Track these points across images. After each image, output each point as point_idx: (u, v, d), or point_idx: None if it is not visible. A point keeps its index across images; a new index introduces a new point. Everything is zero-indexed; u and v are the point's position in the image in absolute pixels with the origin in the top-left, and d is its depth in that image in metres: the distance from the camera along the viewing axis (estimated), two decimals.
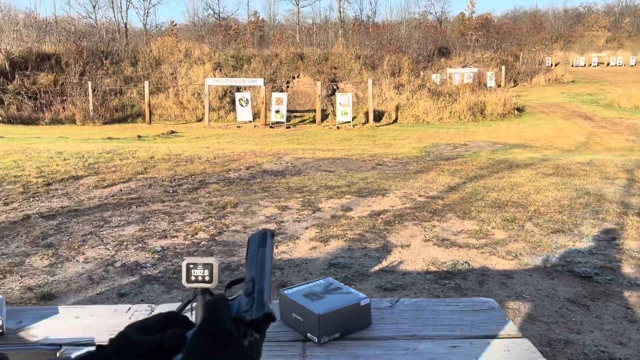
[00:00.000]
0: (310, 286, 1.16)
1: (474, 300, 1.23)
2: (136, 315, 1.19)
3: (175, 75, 23.01)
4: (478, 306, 1.20)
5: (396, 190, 6.85)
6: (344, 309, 1.06)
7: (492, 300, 1.23)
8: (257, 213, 5.75)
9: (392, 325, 1.12)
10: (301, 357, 1.01)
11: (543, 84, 33.00)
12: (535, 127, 16.84)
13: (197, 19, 48.77)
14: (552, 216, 5.54)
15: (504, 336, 1.06)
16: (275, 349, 1.04)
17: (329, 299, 1.09)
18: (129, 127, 18.59)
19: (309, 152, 10.98)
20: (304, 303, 1.08)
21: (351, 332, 1.08)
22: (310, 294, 1.12)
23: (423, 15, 51.42)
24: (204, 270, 1.10)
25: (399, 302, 1.22)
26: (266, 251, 0.63)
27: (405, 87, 22.32)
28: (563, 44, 49.37)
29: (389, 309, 1.19)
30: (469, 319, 1.13)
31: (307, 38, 39.07)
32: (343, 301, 1.08)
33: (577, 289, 3.78)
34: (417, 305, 1.21)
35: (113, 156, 9.45)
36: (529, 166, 8.68)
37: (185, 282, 1.11)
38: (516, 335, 1.06)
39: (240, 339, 0.54)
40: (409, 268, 4.24)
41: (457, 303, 1.22)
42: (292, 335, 1.09)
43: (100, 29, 32.42)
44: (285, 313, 1.13)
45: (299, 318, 1.08)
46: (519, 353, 0.99)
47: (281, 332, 1.11)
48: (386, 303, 1.22)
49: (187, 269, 1.11)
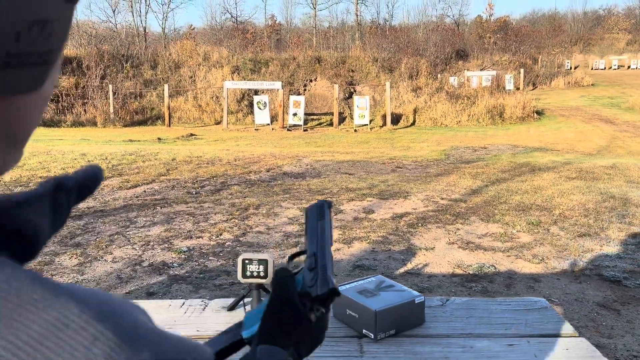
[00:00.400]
0: (363, 283, 1.17)
1: (525, 300, 1.23)
2: (190, 310, 1.21)
3: (194, 79, 23.21)
4: (530, 305, 1.19)
5: (418, 193, 6.83)
6: (399, 306, 1.07)
7: (544, 299, 1.23)
8: (279, 214, 5.77)
9: (446, 323, 1.12)
10: (359, 352, 1.02)
11: (562, 87, 32.61)
12: (556, 131, 16.65)
13: (215, 23, 49.19)
14: (577, 220, 5.47)
15: (562, 335, 1.06)
16: (332, 344, 1.05)
17: (384, 296, 1.10)
18: (149, 129, 18.79)
19: (328, 154, 10.99)
20: (359, 300, 1.08)
21: (406, 330, 1.09)
22: (364, 291, 1.12)
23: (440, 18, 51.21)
24: (259, 266, 1.12)
25: (450, 300, 1.22)
26: (325, 224, 0.62)
27: (423, 90, 22.24)
28: (582, 46, 48.76)
29: (441, 308, 1.19)
30: (523, 317, 1.13)
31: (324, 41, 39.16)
32: (398, 298, 1.09)
33: (607, 293, 3.73)
34: (468, 304, 1.21)
35: (135, 158, 9.56)
36: (551, 169, 8.58)
37: (241, 278, 1.13)
38: (573, 334, 1.06)
39: (307, 314, 0.56)
40: (434, 271, 4.23)
41: (508, 302, 1.22)
42: (346, 332, 1.10)
43: (120, 32, 32.88)
44: (339, 309, 1.14)
45: (353, 314, 1.09)
46: (578, 352, 0.99)
47: (335, 328, 1.12)
48: (437, 301, 1.22)
49: (242, 265, 1.13)
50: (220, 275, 4.03)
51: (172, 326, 1.12)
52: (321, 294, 0.56)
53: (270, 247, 4.71)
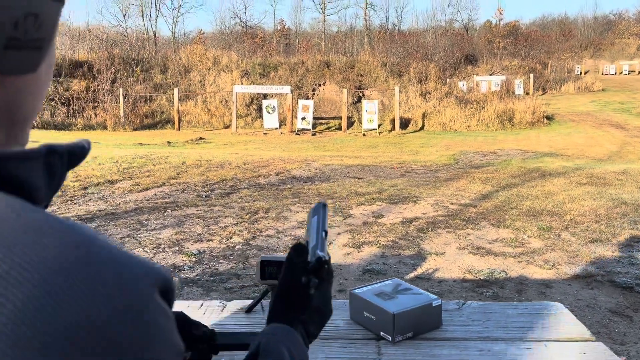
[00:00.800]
0: (380, 286, 1.18)
1: (541, 304, 1.23)
2: (209, 310, 1.22)
3: (203, 83, 23.35)
4: (547, 310, 1.20)
5: (427, 198, 6.82)
6: (417, 309, 1.08)
7: (561, 304, 1.23)
8: (288, 218, 5.79)
9: (463, 326, 1.13)
10: (377, 355, 1.02)
11: (572, 92, 32.43)
12: (566, 136, 16.57)
13: (225, 28, 49.48)
14: (589, 225, 5.44)
15: (578, 339, 1.06)
16: (350, 347, 1.06)
17: (401, 299, 1.11)
18: (159, 133, 18.92)
19: (337, 158, 11.01)
20: (376, 302, 1.09)
21: (423, 332, 1.09)
22: (381, 294, 1.13)
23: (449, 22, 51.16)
24: (278, 268, 1.13)
25: (466, 304, 1.23)
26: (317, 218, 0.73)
27: (432, 94, 22.22)
28: (593, 51, 48.50)
29: (457, 311, 1.20)
30: (540, 321, 1.13)
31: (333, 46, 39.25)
32: (415, 301, 1.10)
33: (619, 299, 3.70)
34: (484, 307, 1.22)
35: (146, 161, 9.63)
36: (561, 175, 8.54)
37: (260, 279, 1.14)
38: (590, 339, 1.06)
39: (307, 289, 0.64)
40: (445, 276, 4.22)
41: (525, 306, 1.22)
42: (363, 334, 1.11)
43: (130, 37, 33.15)
44: (356, 311, 1.15)
45: (371, 317, 1.10)
46: (596, 356, 0.99)
47: (352, 330, 1.13)
48: (453, 305, 1.23)
49: (261, 267, 1.14)
50: (231, 279, 4.04)
51: None
52: (311, 265, 0.65)
53: (280, 250, 4.73)
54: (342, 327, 1.13)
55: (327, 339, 1.08)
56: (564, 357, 0.99)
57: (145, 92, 22.15)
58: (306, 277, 0.65)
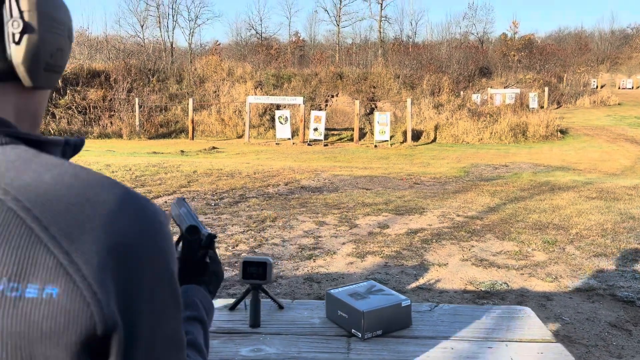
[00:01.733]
0: (355, 287, 1.25)
1: (510, 308, 1.29)
2: None
3: (217, 93, 23.64)
4: (514, 313, 1.26)
5: (434, 209, 6.85)
6: (386, 308, 1.15)
7: (529, 308, 1.29)
8: (295, 227, 5.87)
9: (432, 326, 1.19)
10: (346, 350, 1.09)
11: (588, 106, 32.19)
12: (579, 150, 16.46)
13: (240, 39, 50.06)
14: (594, 239, 5.44)
15: (539, 340, 1.12)
16: (322, 342, 1.13)
17: (373, 299, 1.17)
18: (173, 142, 19.17)
19: (347, 169, 11.08)
20: (349, 301, 1.16)
21: (392, 331, 1.16)
22: (354, 294, 1.20)
23: (464, 35, 51.17)
24: (259, 269, 1.21)
25: (438, 306, 1.29)
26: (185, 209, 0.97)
27: (445, 106, 22.24)
28: (609, 65, 48.11)
29: (429, 312, 1.26)
30: (506, 324, 1.19)
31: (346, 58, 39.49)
32: (385, 301, 1.17)
33: (619, 313, 3.71)
34: (455, 310, 1.28)
35: (158, 170, 9.80)
36: (571, 189, 8.51)
37: (242, 278, 1.22)
38: (550, 340, 1.12)
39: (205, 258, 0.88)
40: (446, 286, 4.25)
41: (494, 309, 1.28)
42: (337, 331, 1.18)
43: (147, 47, 33.70)
44: (331, 310, 1.22)
45: (344, 315, 1.17)
46: (553, 357, 1.05)
47: (327, 327, 1.20)
48: (426, 307, 1.29)
49: (243, 267, 1.22)
50: (235, 285, 4.12)
51: None
52: (204, 241, 0.88)
53: (285, 258, 4.80)
54: (317, 325, 1.20)
55: (302, 334, 1.15)
56: (522, 356, 1.05)
57: (160, 101, 22.49)
58: (202, 250, 0.87)
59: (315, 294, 3.98)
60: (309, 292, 4.05)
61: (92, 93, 21.90)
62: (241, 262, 1.23)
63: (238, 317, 1.26)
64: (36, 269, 0.44)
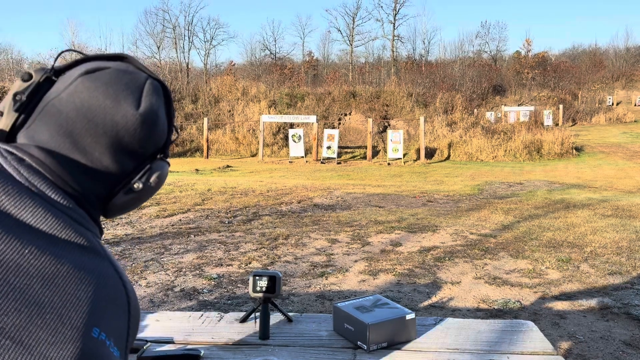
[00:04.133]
0: (361, 301, 1.29)
1: (514, 322, 1.32)
2: (207, 320, 1.35)
3: (232, 112, 23.94)
4: (517, 327, 1.28)
5: (447, 227, 6.85)
6: (391, 321, 1.18)
7: (532, 322, 1.31)
8: (307, 245, 5.90)
9: (436, 339, 1.22)
10: None
11: (603, 123, 31.94)
12: (595, 167, 16.31)
13: (255, 59, 50.76)
14: (609, 258, 5.38)
15: (540, 353, 1.14)
16: (328, 354, 1.17)
17: (378, 312, 1.21)
18: (188, 160, 19.41)
19: (359, 187, 11.12)
20: (355, 314, 1.21)
21: (397, 343, 1.19)
22: (360, 307, 1.25)
23: (477, 53, 51.30)
24: (269, 282, 1.26)
25: (444, 320, 1.33)
26: None
27: (458, 124, 22.24)
28: (625, 82, 47.76)
29: (433, 326, 1.30)
30: (508, 337, 1.22)
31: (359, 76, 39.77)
32: (390, 314, 1.20)
33: (634, 331, 3.67)
34: (460, 324, 1.31)
35: (173, 188, 9.93)
36: (586, 207, 8.44)
37: (252, 292, 1.27)
38: (551, 353, 1.14)
39: None
40: (458, 305, 4.24)
41: (497, 323, 1.31)
42: (343, 343, 1.22)
43: (164, 68, 34.33)
44: (338, 323, 1.26)
45: (350, 328, 1.21)
46: None
47: (334, 340, 1.24)
48: (431, 321, 1.32)
49: (253, 281, 1.27)
50: (247, 302, 4.16)
51: (190, 334, 1.27)
52: None
53: (297, 276, 4.83)
54: (324, 337, 1.24)
55: (309, 346, 1.19)
56: None
57: (176, 121, 22.81)
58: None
59: (327, 311, 3.99)
60: (320, 310, 4.07)
61: None
62: (251, 276, 1.27)
63: (248, 329, 1.30)
64: None
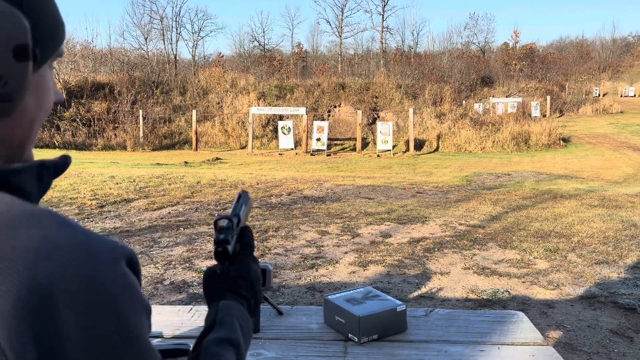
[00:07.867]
0: (352, 293, 1.29)
1: (504, 313, 1.32)
2: (197, 314, 1.34)
3: (221, 104, 23.79)
4: (507, 318, 1.29)
5: (436, 218, 6.88)
6: (382, 313, 1.18)
7: (522, 313, 1.32)
8: (297, 237, 5.89)
9: (426, 330, 1.22)
10: (343, 354, 1.13)
11: (590, 114, 32.22)
12: (582, 158, 16.47)
13: (243, 51, 50.43)
14: (596, 247, 5.45)
15: (530, 343, 1.15)
16: (319, 347, 1.17)
17: (369, 304, 1.21)
18: (176, 153, 19.28)
19: (349, 179, 11.12)
20: (345, 307, 1.20)
21: (388, 335, 1.19)
22: (351, 299, 1.24)
23: (466, 45, 51.39)
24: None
25: (434, 311, 1.33)
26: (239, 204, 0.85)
27: (447, 116, 22.31)
28: (611, 73, 48.18)
29: (424, 317, 1.30)
30: (499, 328, 1.22)
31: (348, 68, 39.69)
32: (381, 306, 1.20)
33: (621, 320, 3.72)
34: (450, 315, 1.31)
35: (162, 181, 9.86)
36: (573, 197, 8.52)
37: None
38: (542, 343, 1.15)
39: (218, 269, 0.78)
40: (448, 295, 4.27)
41: (487, 314, 1.31)
42: (334, 336, 1.22)
43: (151, 60, 33.98)
44: (329, 315, 1.25)
45: (341, 320, 1.21)
46: (543, 358, 1.08)
47: (324, 332, 1.24)
48: (421, 312, 1.32)
49: None
50: None
51: (179, 327, 1.26)
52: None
53: (287, 268, 4.83)
54: (315, 330, 1.24)
55: (300, 339, 1.19)
56: (514, 358, 1.08)
57: (164, 113, 22.64)
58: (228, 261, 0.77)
59: (317, 303, 4.00)
60: (311, 302, 4.08)
61: (96, 105, 22.07)
62: None
63: None
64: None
